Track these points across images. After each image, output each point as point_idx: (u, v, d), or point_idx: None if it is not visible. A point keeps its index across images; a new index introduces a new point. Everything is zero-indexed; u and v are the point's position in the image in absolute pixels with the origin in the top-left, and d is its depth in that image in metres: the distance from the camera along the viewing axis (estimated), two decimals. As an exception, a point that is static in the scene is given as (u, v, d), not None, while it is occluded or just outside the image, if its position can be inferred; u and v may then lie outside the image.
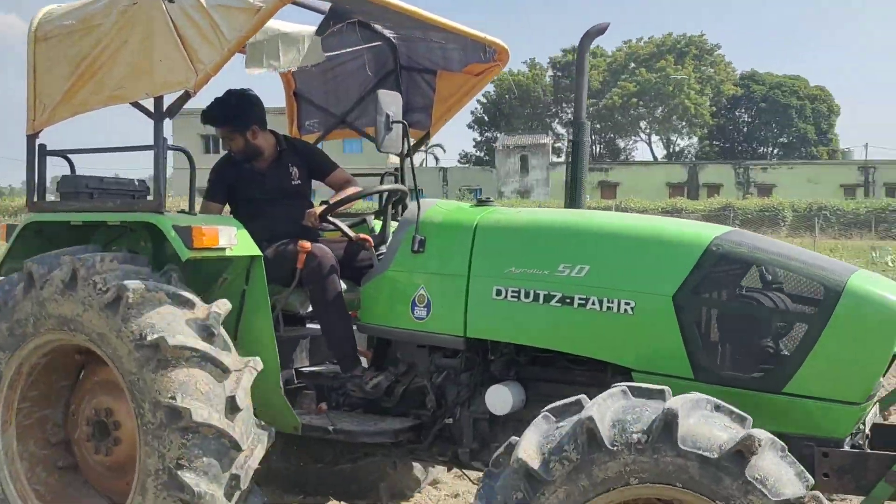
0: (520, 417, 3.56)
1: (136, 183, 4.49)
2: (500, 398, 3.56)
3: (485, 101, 69.25)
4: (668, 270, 3.27)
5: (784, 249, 3.36)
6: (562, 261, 3.43)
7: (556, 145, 62.90)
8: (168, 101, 3.75)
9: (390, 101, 3.63)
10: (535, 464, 2.60)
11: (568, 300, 3.38)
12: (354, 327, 4.14)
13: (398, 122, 3.65)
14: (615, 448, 2.55)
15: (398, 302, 3.81)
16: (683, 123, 64.83)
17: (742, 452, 2.50)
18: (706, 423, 2.62)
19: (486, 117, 71.18)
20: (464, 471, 4.30)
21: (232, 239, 3.75)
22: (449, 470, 5.11)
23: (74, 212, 4.02)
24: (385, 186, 4.59)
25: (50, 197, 4.42)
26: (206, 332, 3.51)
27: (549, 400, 3.60)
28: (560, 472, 2.59)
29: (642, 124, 67.95)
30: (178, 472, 3.30)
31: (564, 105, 67.01)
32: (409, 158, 4.54)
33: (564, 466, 2.58)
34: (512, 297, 3.50)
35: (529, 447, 2.65)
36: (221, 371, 3.46)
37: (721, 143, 63.28)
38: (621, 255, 3.40)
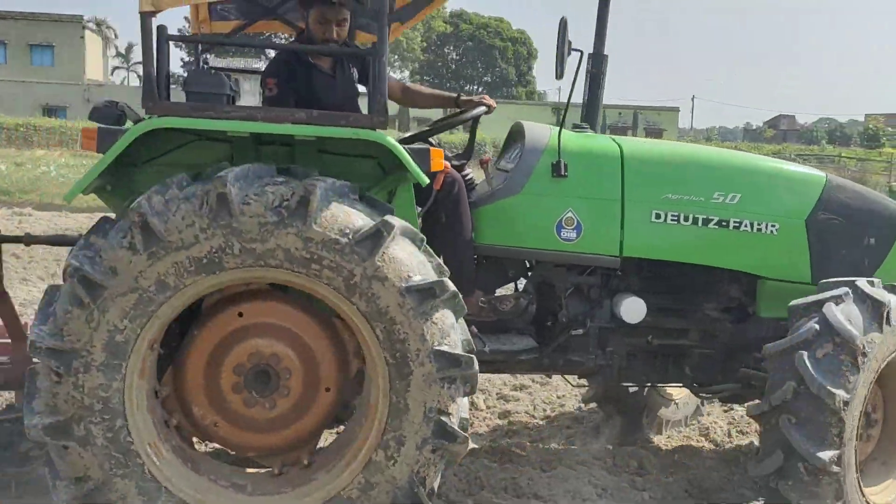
0: (636, 324, 4.20)
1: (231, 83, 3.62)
2: (636, 308, 4.16)
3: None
4: (802, 199, 4.20)
5: (861, 187, 4.43)
6: (716, 189, 4.13)
7: (272, 71, 61.21)
8: None
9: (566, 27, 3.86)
10: (858, 341, 3.58)
11: (724, 223, 4.12)
12: None
13: (576, 49, 3.94)
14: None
15: (540, 224, 4.11)
16: (396, 57, 66.35)
17: None
18: None
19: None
20: (565, 376, 4.89)
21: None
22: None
23: (243, 119, 3.18)
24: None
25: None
26: (439, 268, 3.24)
27: (659, 308, 4.30)
28: (870, 344, 3.64)
29: (356, 56, 68.36)
30: (444, 419, 3.15)
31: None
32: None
33: (872, 341, 3.63)
34: (672, 220, 4.11)
35: (848, 321, 3.58)
36: (460, 308, 3.23)
37: (431, 79, 65.78)
38: (765, 186, 4.21)
